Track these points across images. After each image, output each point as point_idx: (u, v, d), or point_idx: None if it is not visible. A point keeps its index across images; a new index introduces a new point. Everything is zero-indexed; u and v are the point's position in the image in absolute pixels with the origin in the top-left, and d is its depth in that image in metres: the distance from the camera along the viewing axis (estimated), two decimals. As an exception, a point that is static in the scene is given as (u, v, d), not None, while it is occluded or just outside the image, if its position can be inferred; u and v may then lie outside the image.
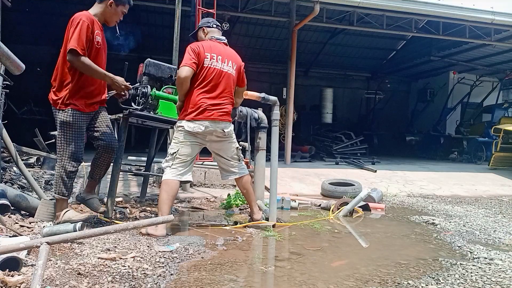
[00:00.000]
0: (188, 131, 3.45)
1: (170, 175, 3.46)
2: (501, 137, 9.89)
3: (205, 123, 3.44)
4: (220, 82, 3.50)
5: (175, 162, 3.47)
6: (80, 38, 3.11)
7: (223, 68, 3.52)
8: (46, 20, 12.66)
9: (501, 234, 3.97)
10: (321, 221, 4.31)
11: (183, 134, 3.47)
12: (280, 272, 2.71)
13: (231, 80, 3.60)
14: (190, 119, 3.43)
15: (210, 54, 3.46)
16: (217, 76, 3.48)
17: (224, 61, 3.54)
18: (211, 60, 3.46)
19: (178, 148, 3.47)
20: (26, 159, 6.36)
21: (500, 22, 9.55)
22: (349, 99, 16.81)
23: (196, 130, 3.44)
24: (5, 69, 3.75)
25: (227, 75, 3.55)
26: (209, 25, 3.76)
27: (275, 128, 3.91)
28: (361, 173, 7.99)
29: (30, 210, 3.58)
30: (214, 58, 3.48)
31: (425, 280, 2.59)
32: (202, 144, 3.62)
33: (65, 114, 3.23)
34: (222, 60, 3.52)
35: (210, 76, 3.46)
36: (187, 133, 3.46)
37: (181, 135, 3.48)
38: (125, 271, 2.43)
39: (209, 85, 3.46)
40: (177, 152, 3.47)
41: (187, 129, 3.43)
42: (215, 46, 3.56)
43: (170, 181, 3.44)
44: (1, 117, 4.57)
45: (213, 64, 3.47)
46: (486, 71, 14.11)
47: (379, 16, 10.21)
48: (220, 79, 3.50)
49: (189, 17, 6.40)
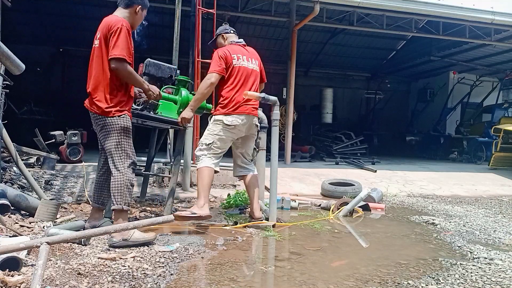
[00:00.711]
0: (227, 125, 3.74)
1: (208, 162, 3.75)
2: (501, 137, 9.88)
3: (242, 117, 3.78)
4: (249, 79, 3.86)
5: (210, 152, 3.78)
6: (126, 46, 3.00)
7: (249, 66, 3.89)
8: (46, 20, 12.67)
9: (501, 234, 3.97)
10: (321, 221, 4.31)
11: (221, 127, 3.77)
12: (280, 272, 2.71)
13: (257, 76, 3.97)
14: (228, 113, 3.75)
15: (236, 55, 3.83)
16: (246, 74, 3.85)
17: (249, 59, 3.92)
18: (238, 60, 3.83)
19: (213, 140, 3.78)
20: (26, 159, 6.36)
21: (500, 22, 9.54)
22: (349, 99, 16.80)
23: (234, 123, 3.75)
24: (5, 69, 3.74)
25: (254, 72, 3.93)
26: (227, 31, 4.08)
27: (275, 128, 3.92)
28: (361, 173, 7.99)
29: (30, 210, 3.58)
30: (241, 58, 3.85)
31: (425, 280, 2.59)
32: (233, 139, 3.90)
33: (123, 120, 3.09)
34: (247, 59, 3.90)
35: (240, 74, 3.81)
36: (225, 127, 3.76)
37: (218, 127, 3.78)
38: (125, 271, 2.43)
39: (240, 82, 3.81)
40: (212, 143, 3.78)
41: (226, 122, 3.74)
42: (238, 48, 3.93)
43: (209, 168, 3.74)
44: (1, 117, 4.57)
45: (241, 63, 3.83)
46: (486, 71, 14.10)
47: (379, 16, 10.21)
48: (249, 76, 3.87)
49: (189, 17, 6.38)
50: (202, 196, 3.67)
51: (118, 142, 3.08)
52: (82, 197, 4.76)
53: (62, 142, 7.16)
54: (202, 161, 3.77)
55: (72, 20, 12.48)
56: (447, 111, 14.24)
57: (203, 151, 3.81)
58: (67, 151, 7.13)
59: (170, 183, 4.10)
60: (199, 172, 3.76)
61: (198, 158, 3.84)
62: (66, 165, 6.92)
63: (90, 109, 3.12)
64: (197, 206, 3.67)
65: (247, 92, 3.73)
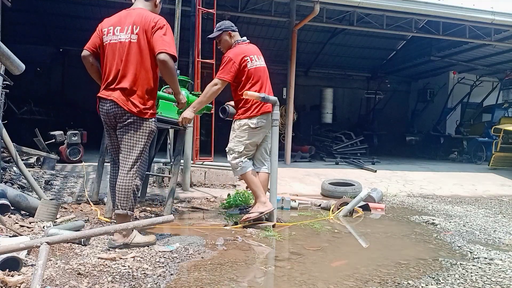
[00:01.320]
0: (253, 128, 3.86)
1: (247, 166, 3.90)
2: (501, 137, 9.87)
3: (264, 116, 3.90)
4: (264, 78, 3.98)
5: (244, 157, 3.93)
6: (173, 44, 2.94)
7: (261, 64, 3.99)
8: (46, 20, 12.66)
9: (501, 234, 3.97)
10: (321, 221, 4.31)
11: (248, 132, 3.88)
12: (280, 272, 2.71)
13: (267, 72, 4.08)
14: (252, 115, 3.87)
15: (249, 57, 3.89)
16: (260, 73, 3.94)
17: (258, 58, 3.99)
18: (252, 61, 3.90)
19: (244, 146, 3.90)
20: (26, 159, 6.36)
21: (500, 22, 9.53)
22: (349, 99, 16.79)
23: (260, 125, 3.88)
24: (5, 69, 3.74)
25: (264, 68, 4.03)
26: (233, 29, 4.06)
27: (275, 128, 3.93)
28: (361, 173, 7.98)
29: (30, 210, 3.58)
30: (254, 59, 3.92)
31: (425, 280, 2.59)
32: (261, 138, 3.99)
33: (153, 123, 3.06)
34: (257, 57, 3.97)
35: (257, 76, 3.91)
36: (252, 130, 3.87)
37: (245, 133, 3.89)
38: (125, 271, 2.43)
39: (258, 83, 3.91)
40: (244, 149, 3.91)
41: (252, 126, 3.85)
42: (248, 49, 3.98)
43: (250, 171, 3.90)
44: (1, 117, 4.57)
45: (255, 64, 3.91)
46: (486, 71, 14.09)
47: (379, 16, 10.20)
48: (264, 74, 3.99)
49: (189, 17, 6.38)
50: (260, 195, 3.86)
51: (144, 146, 3.01)
52: (82, 197, 4.76)
53: (62, 142, 7.16)
54: (242, 168, 3.90)
55: (72, 20, 12.48)
56: (447, 111, 14.23)
57: (238, 158, 3.91)
58: (67, 151, 7.13)
59: (170, 183, 4.11)
60: (245, 178, 3.93)
61: (235, 166, 3.93)
62: (66, 165, 6.92)
63: (123, 105, 2.91)
64: (260, 204, 3.85)
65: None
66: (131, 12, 3.03)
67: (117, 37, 2.96)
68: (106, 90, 2.98)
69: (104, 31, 3.03)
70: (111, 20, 3.06)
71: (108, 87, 2.97)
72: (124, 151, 2.98)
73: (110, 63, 2.97)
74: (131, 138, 2.97)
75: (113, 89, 2.95)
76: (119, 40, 2.95)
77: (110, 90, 2.96)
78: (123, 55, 2.93)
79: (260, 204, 3.85)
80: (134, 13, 2.99)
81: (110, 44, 2.98)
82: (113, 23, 3.02)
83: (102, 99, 3.02)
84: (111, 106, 2.95)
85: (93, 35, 3.11)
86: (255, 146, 4.02)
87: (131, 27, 2.93)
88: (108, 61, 2.99)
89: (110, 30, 2.99)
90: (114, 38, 2.96)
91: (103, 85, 3.02)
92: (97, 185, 4.63)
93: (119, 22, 3.00)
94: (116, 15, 3.08)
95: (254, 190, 3.92)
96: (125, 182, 2.94)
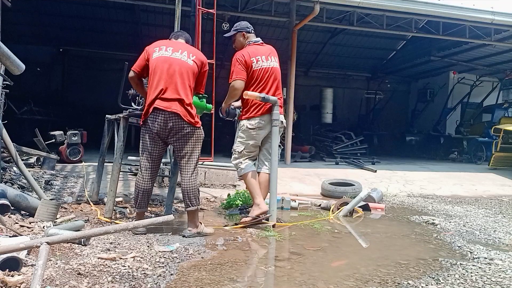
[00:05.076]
0: (252, 128, 3.93)
1: (247, 167, 3.97)
2: (501, 137, 9.88)
3: (264, 117, 3.94)
4: (269, 79, 4.00)
5: (245, 158, 4.01)
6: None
7: (269, 65, 4.02)
8: (46, 20, 12.66)
9: (501, 234, 3.97)
10: (321, 221, 4.31)
11: (248, 132, 3.96)
12: (280, 272, 2.71)
13: (278, 73, 4.11)
14: (251, 116, 3.94)
15: (255, 58, 3.95)
16: (265, 74, 3.98)
17: (268, 58, 4.04)
18: (257, 62, 3.95)
19: (244, 146, 3.99)
20: (26, 159, 6.35)
21: (500, 22, 9.53)
22: (349, 99, 16.79)
23: (259, 126, 3.93)
24: (5, 69, 3.74)
25: (274, 69, 4.06)
26: (248, 30, 4.14)
27: (275, 128, 3.92)
28: (361, 173, 7.98)
29: (30, 210, 3.58)
30: (260, 60, 3.97)
31: (425, 280, 2.59)
32: (261, 139, 4.04)
33: (202, 131, 3.48)
34: (266, 58, 4.02)
35: (260, 77, 3.95)
36: (251, 131, 3.95)
37: (245, 133, 3.98)
38: (125, 271, 2.43)
39: (261, 85, 3.95)
40: (244, 149, 3.99)
41: (250, 126, 3.93)
42: (257, 49, 4.03)
43: (250, 172, 3.95)
44: (1, 117, 4.57)
45: (260, 65, 3.96)
46: (486, 71, 14.09)
47: (379, 16, 10.20)
48: (270, 75, 4.01)
49: (189, 17, 6.37)
50: (256, 196, 3.91)
51: (200, 151, 3.44)
52: (82, 197, 4.76)
53: (62, 142, 7.16)
54: (241, 169, 3.99)
55: (72, 20, 12.47)
56: (447, 111, 14.23)
57: (238, 159, 4.01)
58: (67, 151, 7.13)
59: (170, 183, 4.11)
60: (244, 178, 4.00)
61: (236, 167, 4.03)
62: (66, 165, 6.92)
63: (183, 116, 3.26)
64: (255, 207, 3.90)
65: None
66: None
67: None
68: (162, 101, 3.27)
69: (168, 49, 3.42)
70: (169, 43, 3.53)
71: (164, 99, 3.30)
72: (186, 157, 3.39)
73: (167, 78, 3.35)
74: (192, 145, 3.38)
75: (170, 99, 3.27)
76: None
77: (167, 101, 3.27)
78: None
79: (255, 207, 3.91)
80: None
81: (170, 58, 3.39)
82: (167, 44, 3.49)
83: (158, 110, 3.27)
84: (171, 117, 3.26)
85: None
86: (257, 147, 4.06)
87: (186, 52, 3.41)
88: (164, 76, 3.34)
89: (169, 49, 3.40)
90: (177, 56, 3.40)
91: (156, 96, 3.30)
92: (97, 185, 4.63)
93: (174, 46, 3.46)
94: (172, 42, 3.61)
95: (250, 191, 4.00)
96: (191, 183, 3.38)
